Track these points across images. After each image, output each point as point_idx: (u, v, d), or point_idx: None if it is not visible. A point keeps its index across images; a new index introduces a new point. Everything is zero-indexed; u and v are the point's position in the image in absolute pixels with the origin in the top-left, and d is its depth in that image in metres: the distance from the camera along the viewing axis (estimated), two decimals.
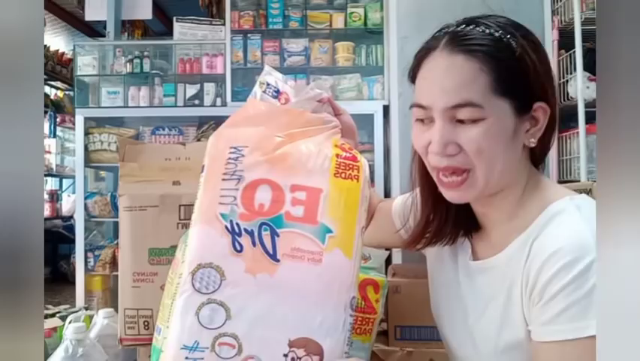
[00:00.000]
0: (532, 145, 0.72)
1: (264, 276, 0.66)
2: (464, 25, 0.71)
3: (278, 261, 0.66)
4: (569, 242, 0.64)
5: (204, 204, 0.70)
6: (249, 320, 0.64)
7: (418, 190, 0.83)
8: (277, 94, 0.81)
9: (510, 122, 0.69)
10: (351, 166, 0.72)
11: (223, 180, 0.70)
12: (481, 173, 0.69)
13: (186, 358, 0.63)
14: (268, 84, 0.81)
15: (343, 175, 0.71)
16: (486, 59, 0.67)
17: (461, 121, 0.68)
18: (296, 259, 0.66)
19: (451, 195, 0.73)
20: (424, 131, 0.72)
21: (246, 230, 0.67)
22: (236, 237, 0.67)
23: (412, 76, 0.75)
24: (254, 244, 0.67)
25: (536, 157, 0.76)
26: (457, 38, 0.69)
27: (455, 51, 0.69)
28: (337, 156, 0.73)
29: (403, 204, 0.93)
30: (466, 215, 0.80)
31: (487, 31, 0.69)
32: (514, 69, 0.68)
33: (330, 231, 0.68)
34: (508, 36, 0.69)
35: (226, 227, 0.67)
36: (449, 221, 0.80)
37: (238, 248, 0.66)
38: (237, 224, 0.67)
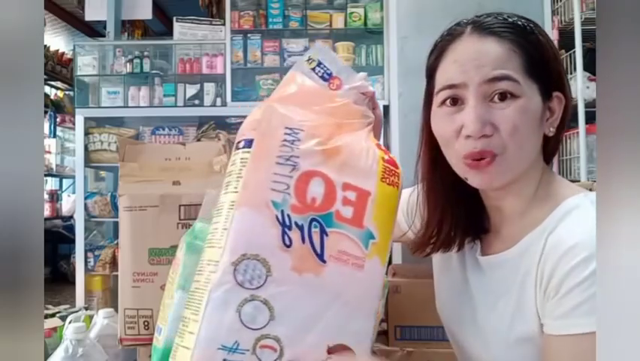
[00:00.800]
0: (551, 134, 0.73)
1: (309, 276, 0.61)
2: (485, 16, 0.72)
3: (324, 262, 0.62)
4: (586, 238, 0.64)
5: (252, 185, 0.63)
6: (292, 322, 0.60)
7: (424, 192, 0.82)
8: (329, 77, 0.73)
9: (538, 104, 0.70)
10: (393, 172, 0.68)
11: (277, 163, 0.63)
12: (511, 155, 0.69)
13: (224, 360, 0.58)
14: (320, 63, 0.73)
15: (387, 181, 0.67)
16: (515, 41, 0.69)
17: (493, 102, 0.68)
18: (341, 262, 0.63)
19: (480, 180, 0.71)
20: (452, 114, 0.71)
21: (296, 224, 0.62)
22: (287, 230, 0.61)
23: (432, 67, 0.75)
24: (303, 240, 0.62)
25: (547, 154, 0.77)
26: (483, 24, 0.71)
27: (484, 34, 0.70)
28: (382, 159, 0.68)
29: (407, 201, 0.91)
30: (477, 218, 0.80)
31: (510, 20, 0.71)
32: (540, 54, 0.70)
33: (373, 237, 0.65)
34: (531, 25, 0.72)
35: (277, 217, 0.61)
36: (459, 226, 0.80)
37: (287, 243, 0.61)
38: (289, 216, 0.61)
